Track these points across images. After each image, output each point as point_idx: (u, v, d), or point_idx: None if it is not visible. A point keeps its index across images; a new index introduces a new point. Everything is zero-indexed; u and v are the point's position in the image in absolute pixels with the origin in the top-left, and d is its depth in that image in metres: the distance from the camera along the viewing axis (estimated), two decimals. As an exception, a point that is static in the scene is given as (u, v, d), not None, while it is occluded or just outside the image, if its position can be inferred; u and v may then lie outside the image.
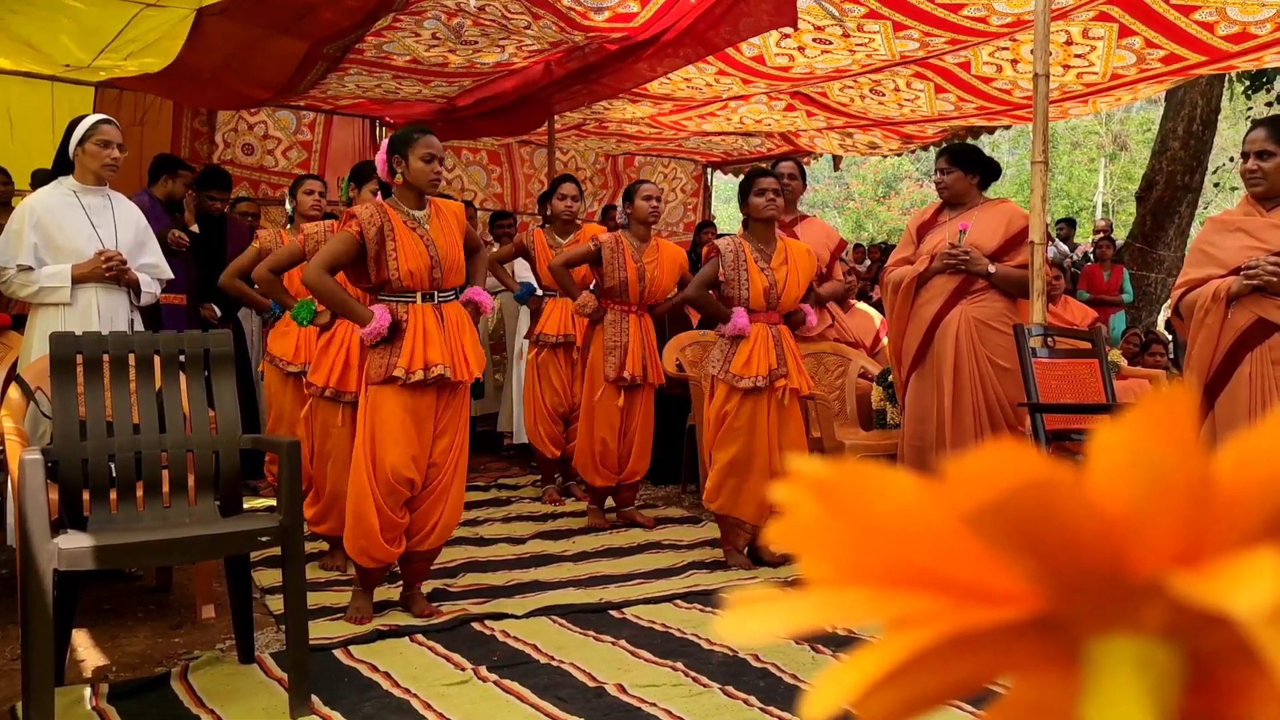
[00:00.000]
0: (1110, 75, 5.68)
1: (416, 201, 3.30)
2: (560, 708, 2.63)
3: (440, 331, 3.26)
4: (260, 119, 7.34)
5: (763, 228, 4.02)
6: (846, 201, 26.92)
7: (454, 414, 3.34)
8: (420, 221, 3.28)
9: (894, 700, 0.27)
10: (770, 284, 3.97)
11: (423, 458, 3.27)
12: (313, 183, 4.50)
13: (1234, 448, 0.25)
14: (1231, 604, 0.22)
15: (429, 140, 3.26)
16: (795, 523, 0.27)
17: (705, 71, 5.97)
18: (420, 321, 3.23)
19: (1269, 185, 3.15)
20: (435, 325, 3.25)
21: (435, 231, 3.29)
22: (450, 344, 3.27)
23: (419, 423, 3.25)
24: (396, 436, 3.21)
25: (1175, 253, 9.17)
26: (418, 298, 3.26)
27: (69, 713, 2.57)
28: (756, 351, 3.95)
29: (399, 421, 3.21)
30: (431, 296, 3.28)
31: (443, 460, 3.32)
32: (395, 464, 3.19)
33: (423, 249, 3.24)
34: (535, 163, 8.77)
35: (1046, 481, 0.24)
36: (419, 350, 3.21)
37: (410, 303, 3.26)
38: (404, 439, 3.21)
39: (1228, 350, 3.16)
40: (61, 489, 2.72)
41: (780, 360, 3.95)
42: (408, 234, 3.23)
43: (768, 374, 3.92)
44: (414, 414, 3.24)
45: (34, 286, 3.63)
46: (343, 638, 3.15)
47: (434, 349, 3.22)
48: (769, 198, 3.96)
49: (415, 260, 3.22)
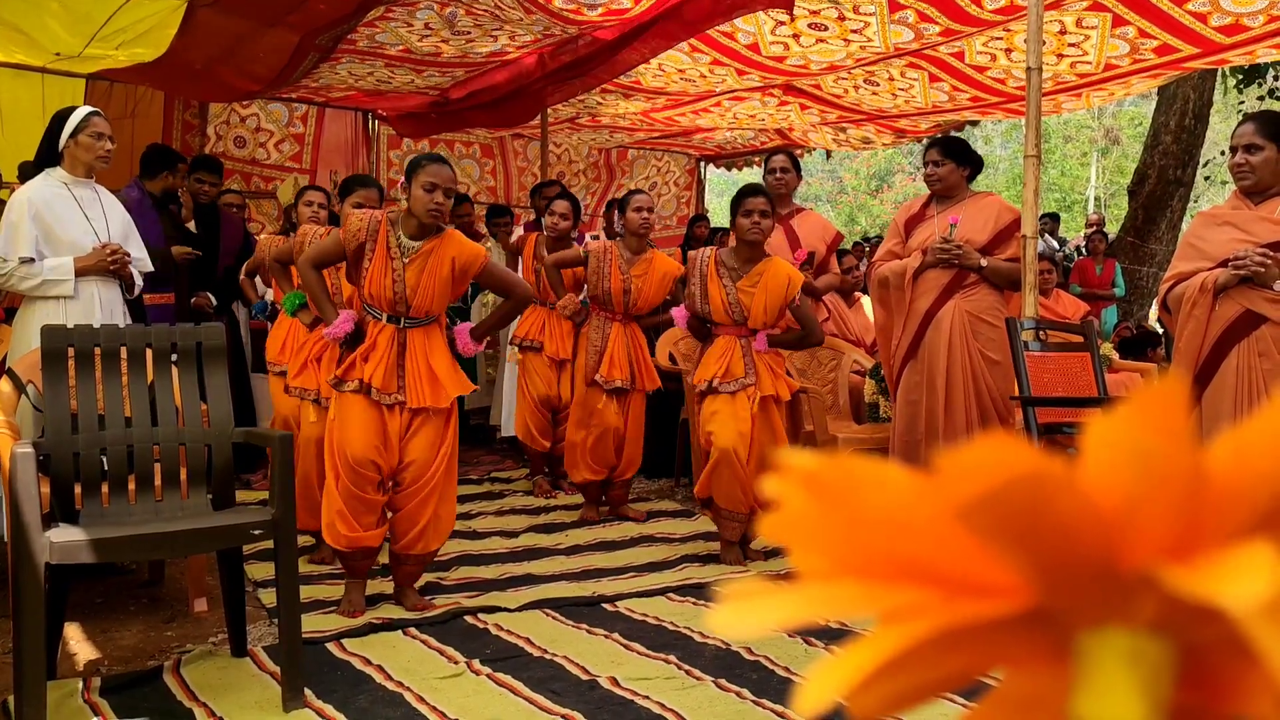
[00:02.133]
0: (1104, 66, 5.69)
1: (416, 229, 3.27)
2: (553, 701, 2.64)
3: (388, 354, 3.26)
4: (252, 112, 7.31)
5: (747, 247, 3.98)
6: (839, 195, 26.93)
7: (430, 417, 3.32)
8: (405, 251, 3.26)
9: (886, 693, 0.27)
10: (730, 301, 3.95)
11: (389, 449, 3.28)
12: (313, 194, 4.53)
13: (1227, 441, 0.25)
14: (1224, 597, 0.22)
15: (435, 169, 3.22)
16: (787, 516, 0.27)
17: (700, 62, 5.95)
18: (377, 339, 3.27)
19: (1257, 179, 3.16)
20: (386, 347, 3.26)
21: (415, 267, 3.25)
22: (411, 371, 3.26)
23: (381, 418, 3.27)
24: (355, 424, 3.25)
25: (1167, 246, 9.19)
26: (383, 317, 3.29)
27: (61, 706, 2.56)
28: (715, 358, 3.99)
29: (358, 412, 3.25)
30: (397, 320, 3.29)
31: (424, 459, 3.30)
32: (357, 452, 3.23)
33: (389, 281, 3.24)
34: (529, 155, 8.75)
35: (1038, 474, 0.24)
36: (370, 369, 3.25)
37: (375, 318, 3.30)
38: (362, 427, 3.24)
39: (1215, 342, 3.16)
40: (53, 482, 2.71)
41: (749, 369, 3.95)
42: (383, 259, 3.24)
43: (725, 378, 3.94)
44: (377, 407, 3.27)
45: (37, 279, 3.62)
46: (335, 631, 3.15)
47: (382, 373, 3.23)
48: (754, 220, 3.90)
49: (377, 286, 3.25)
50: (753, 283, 3.96)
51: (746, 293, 3.95)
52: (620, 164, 9.37)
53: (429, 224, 3.25)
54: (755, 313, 3.96)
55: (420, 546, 3.36)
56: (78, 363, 2.80)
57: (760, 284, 3.96)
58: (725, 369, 3.95)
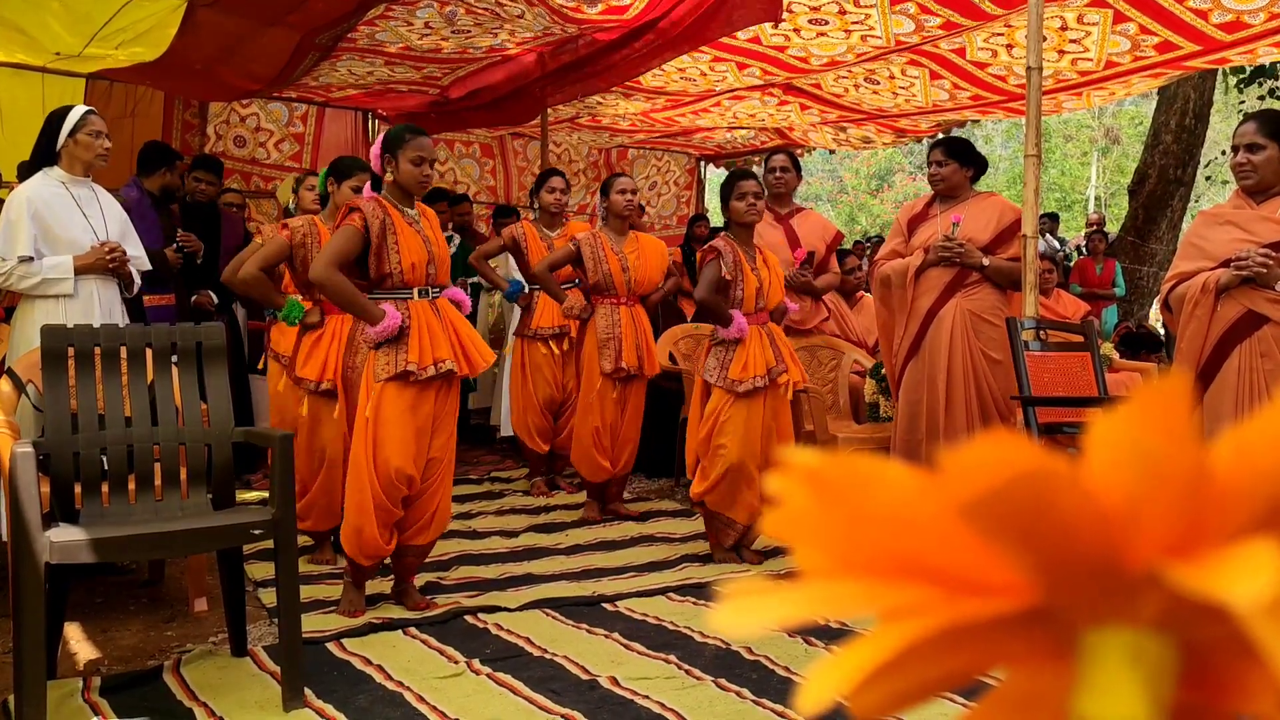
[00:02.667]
0: (1105, 63, 5.69)
1: (407, 201, 3.33)
2: (553, 700, 2.64)
3: (442, 327, 3.29)
4: (252, 111, 7.31)
5: (744, 231, 3.99)
6: (839, 194, 26.93)
7: (450, 409, 3.37)
8: (414, 219, 3.32)
9: (888, 692, 0.27)
10: (760, 286, 3.98)
11: (422, 456, 3.28)
12: (314, 179, 4.51)
13: (1230, 439, 0.25)
14: (1228, 595, 0.22)
15: (420, 142, 3.26)
16: (789, 514, 0.27)
17: (699, 60, 5.95)
18: (422, 317, 3.25)
19: (1259, 178, 3.16)
20: (436, 320, 3.28)
21: (427, 229, 3.34)
22: (451, 338, 3.30)
23: (420, 420, 3.25)
24: (400, 436, 3.19)
25: (1167, 246, 9.19)
26: (414, 293, 3.28)
27: (62, 706, 2.56)
28: (753, 353, 3.92)
29: (402, 421, 3.19)
30: (427, 292, 3.31)
31: (440, 455, 3.34)
32: (399, 464, 3.18)
33: (421, 244, 3.28)
34: (528, 155, 8.74)
35: (1041, 472, 0.24)
36: (427, 346, 3.22)
37: (409, 299, 3.28)
38: (406, 438, 3.21)
39: (1217, 342, 3.16)
40: (53, 482, 2.71)
41: (778, 357, 3.97)
42: (408, 229, 3.27)
43: (766, 373, 3.92)
44: (416, 412, 3.24)
45: (36, 278, 3.62)
46: (335, 631, 3.15)
47: (440, 345, 3.25)
48: (749, 202, 3.90)
49: (416, 254, 3.25)
50: (762, 262, 4.03)
51: (764, 272, 4.01)
52: (620, 163, 9.36)
53: (417, 196, 3.33)
54: (774, 294, 4.03)
55: (423, 538, 3.38)
56: (78, 362, 2.80)
57: (770, 264, 4.05)
58: (764, 365, 3.91)
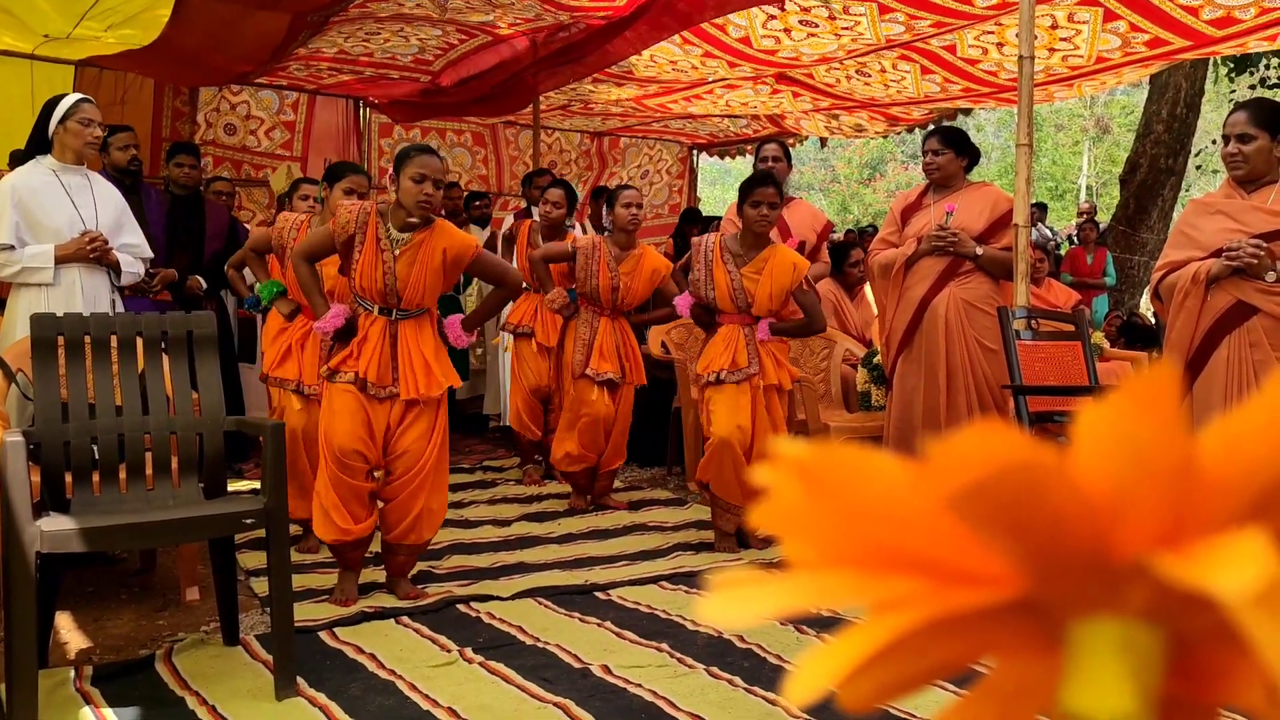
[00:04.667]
0: (1095, 59, 5.69)
1: (404, 221, 3.26)
2: (546, 688, 2.64)
3: (381, 347, 3.25)
4: (243, 99, 7.27)
5: (752, 235, 3.99)
6: (832, 184, 26.92)
7: (422, 409, 3.31)
8: (395, 243, 3.24)
9: (877, 682, 0.27)
10: (735, 288, 3.96)
11: (375, 441, 3.28)
12: (308, 187, 4.54)
13: (1218, 429, 0.25)
14: (1215, 585, 0.22)
15: (424, 160, 3.20)
16: (779, 505, 0.27)
17: (691, 53, 5.94)
18: (363, 331, 3.26)
19: (1250, 168, 3.16)
20: (378, 340, 3.25)
21: (406, 259, 3.24)
22: (403, 363, 3.25)
23: (370, 410, 3.27)
24: (343, 415, 3.25)
25: (1158, 235, 9.21)
26: (375, 309, 3.28)
27: (53, 695, 2.56)
28: (717, 350, 4.00)
29: (346, 404, 3.25)
30: (389, 312, 3.28)
31: (416, 450, 3.29)
32: (341, 441, 3.23)
33: (379, 273, 3.23)
34: (520, 144, 8.72)
35: (1030, 463, 0.24)
36: (362, 362, 3.24)
37: (367, 311, 3.29)
38: (349, 418, 3.24)
39: (1206, 332, 3.17)
40: (44, 471, 2.70)
41: (752, 358, 3.95)
42: (373, 252, 3.23)
43: (731, 368, 3.94)
44: (365, 408, 3.26)
45: (16, 266, 3.60)
46: (328, 620, 3.15)
47: (375, 366, 3.23)
48: (763, 212, 3.91)
49: (367, 279, 3.24)
50: (757, 269, 3.97)
51: (751, 279, 3.96)
52: (612, 152, 9.34)
53: (419, 216, 3.23)
54: (760, 299, 3.96)
55: (413, 537, 3.36)
56: (67, 351, 2.79)
57: (765, 271, 3.97)
58: (731, 359, 3.95)
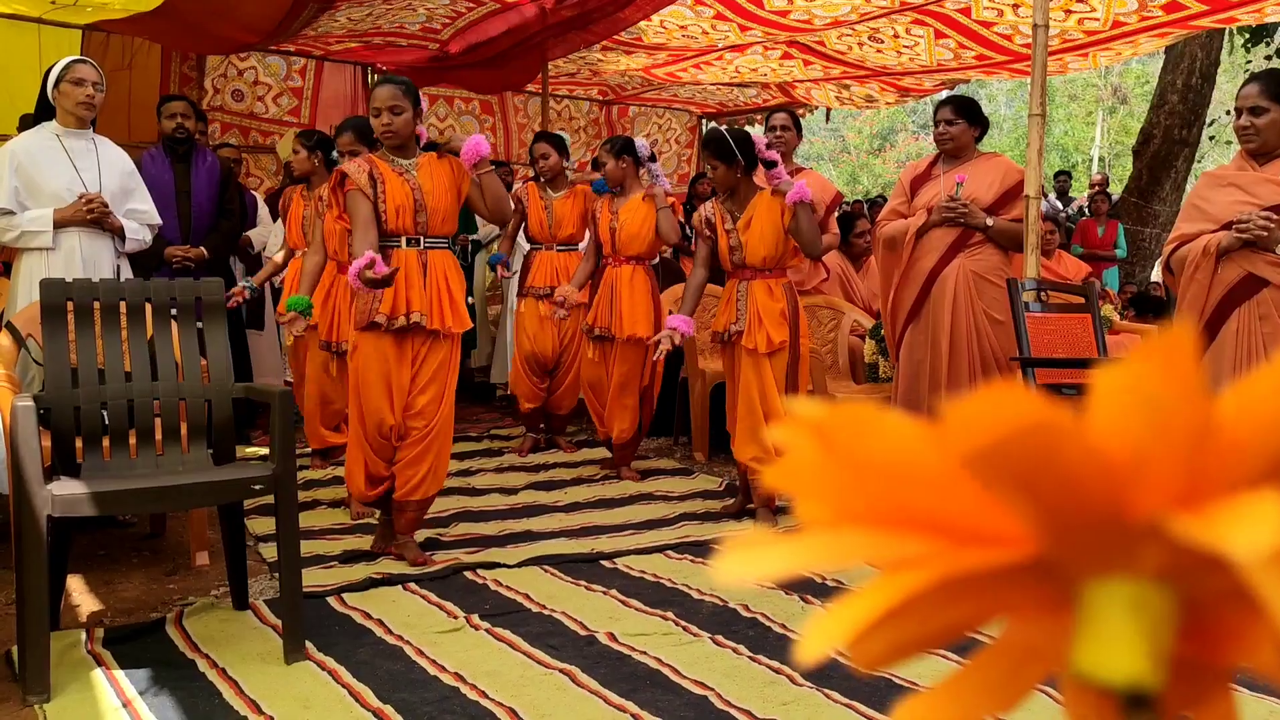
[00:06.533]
0: (1112, 23, 5.63)
1: (400, 153, 3.37)
2: (552, 655, 2.66)
3: (421, 279, 3.32)
4: (250, 65, 7.23)
5: (727, 193, 4.06)
6: (841, 154, 26.76)
7: (440, 367, 3.39)
8: (407, 168, 3.35)
9: (889, 642, 0.27)
10: (733, 245, 4.03)
11: (399, 402, 3.34)
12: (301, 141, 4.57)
13: (1235, 392, 0.25)
14: (1230, 546, 0.22)
15: (375, 94, 3.34)
16: (793, 465, 0.27)
17: (702, 16, 5.89)
18: (403, 266, 3.28)
19: (1262, 141, 3.14)
20: (417, 272, 3.31)
21: (424, 173, 3.36)
22: (431, 292, 3.32)
23: (401, 371, 3.33)
24: (375, 382, 3.31)
25: (1170, 207, 9.15)
26: (402, 242, 3.32)
27: (65, 657, 2.59)
28: (723, 307, 4.11)
29: (379, 368, 3.31)
30: (417, 242, 3.34)
31: (429, 411, 3.37)
32: (373, 410, 3.31)
33: (408, 190, 3.31)
34: (529, 112, 8.67)
35: (1046, 423, 0.24)
36: (401, 298, 3.27)
37: (396, 247, 3.32)
38: (382, 384, 3.31)
39: (1216, 305, 3.16)
40: (54, 436, 2.72)
41: (740, 315, 3.99)
42: (396, 178, 3.32)
43: (724, 329, 4.03)
44: (394, 362, 3.32)
45: (16, 231, 3.60)
46: (336, 585, 3.18)
47: (414, 295, 3.29)
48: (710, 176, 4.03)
49: (400, 197, 3.29)
50: (746, 222, 3.99)
51: (743, 233, 4.00)
52: (621, 121, 9.29)
53: (389, 145, 3.33)
54: (752, 248, 3.99)
55: (420, 493, 3.43)
56: (77, 317, 2.80)
57: (753, 221, 3.99)
58: (726, 320, 4.05)
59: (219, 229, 4.87)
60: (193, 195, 4.73)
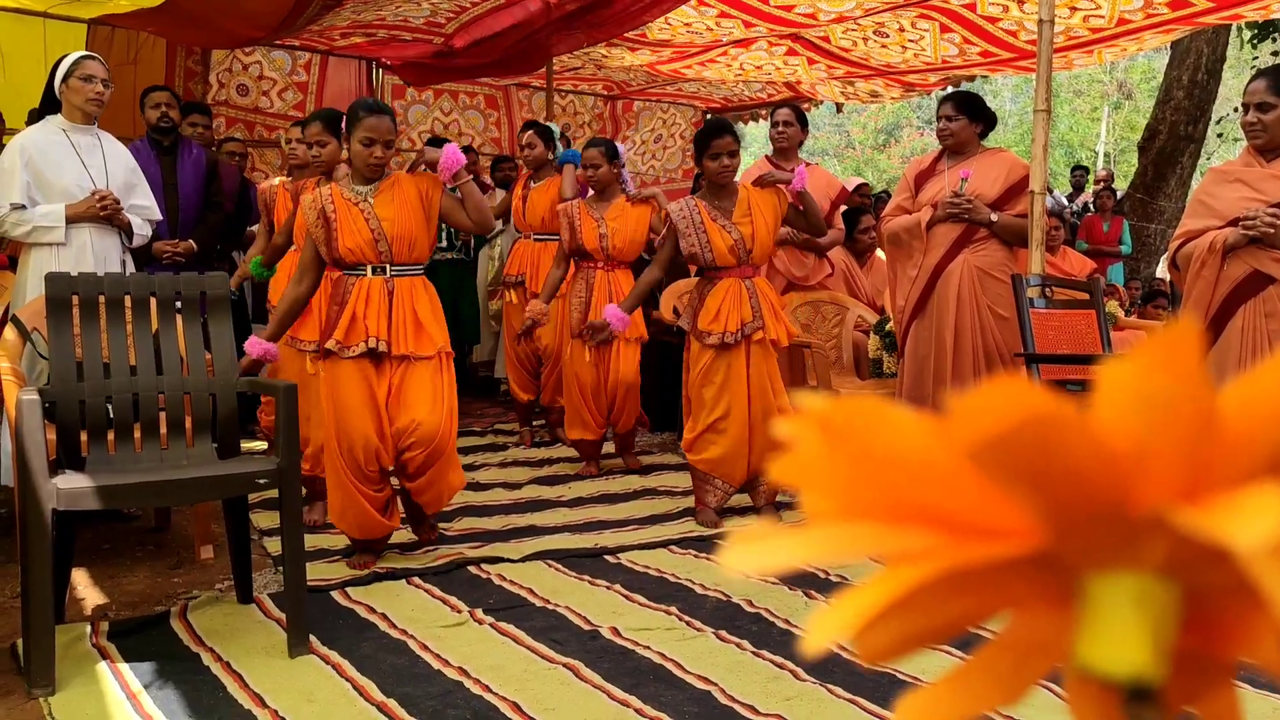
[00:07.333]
0: (1117, 20, 5.61)
1: (363, 178, 3.26)
2: (555, 650, 2.67)
3: (382, 305, 3.23)
4: (255, 59, 7.23)
5: (719, 188, 3.88)
6: (846, 149, 26.72)
7: (427, 387, 3.27)
8: (364, 196, 3.23)
9: (893, 634, 0.27)
10: (736, 239, 3.82)
11: (387, 440, 3.25)
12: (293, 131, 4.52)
13: (1238, 386, 0.25)
14: (1232, 538, 0.22)
15: (370, 122, 3.16)
16: (799, 458, 0.27)
17: (706, 14, 5.88)
18: (363, 294, 3.23)
19: (1269, 137, 3.13)
20: (379, 298, 3.23)
21: (383, 200, 3.23)
22: (398, 318, 3.24)
23: (375, 390, 3.24)
24: (354, 408, 3.21)
25: (1176, 203, 9.12)
26: (367, 270, 3.25)
27: (70, 649, 2.60)
28: (726, 305, 3.83)
29: (354, 391, 3.21)
30: (383, 270, 3.26)
31: (430, 422, 3.24)
32: (355, 436, 3.19)
33: (361, 224, 3.21)
34: (534, 106, 8.66)
35: (1051, 416, 0.24)
36: (358, 323, 3.21)
37: (360, 276, 3.26)
38: (361, 409, 3.21)
39: (1222, 302, 3.15)
40: (59, 430, 2.73)
41: (755, 313, 3.84)
42: (347, 210, 3.21)
43: (739, 328, 3.82)
44: (368, 382, 3.23)
45: (28, 226, 3.61)
46: (340, 579, 3.18)
47: (373, 322, 3.21)
48: (723, 163, 3.78)
49: (353, 237, 3.20)
50: (744, 214, 3.85)
51: (745, 225, 3.84)
52: (625, 115, 9.28)
53: (372, 177, 3.24)
54: (760, 242, 3.85)
55: (435, 507, 3.45)
56: (82, 311, 2.80)
57: (751, 213, 3.85)
58: (737, 319, 3.82)
59: (206, 221, 4.85)
60: (179, 188, 4.72)
